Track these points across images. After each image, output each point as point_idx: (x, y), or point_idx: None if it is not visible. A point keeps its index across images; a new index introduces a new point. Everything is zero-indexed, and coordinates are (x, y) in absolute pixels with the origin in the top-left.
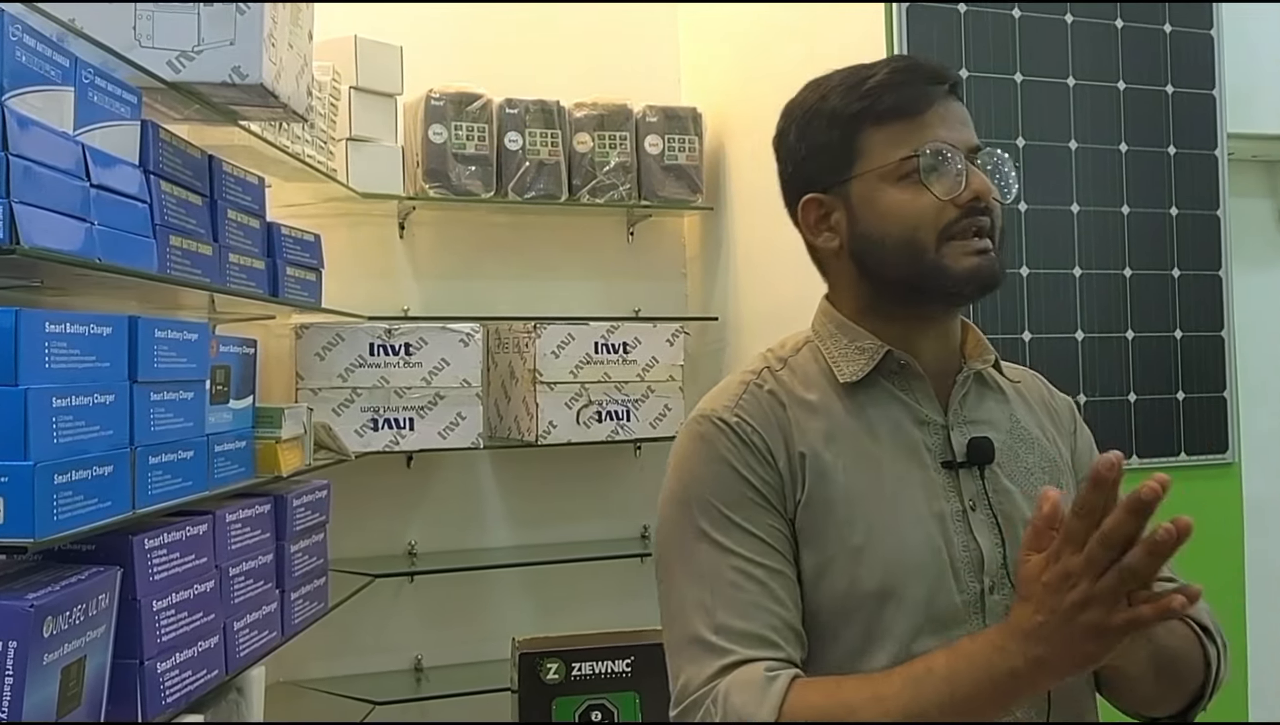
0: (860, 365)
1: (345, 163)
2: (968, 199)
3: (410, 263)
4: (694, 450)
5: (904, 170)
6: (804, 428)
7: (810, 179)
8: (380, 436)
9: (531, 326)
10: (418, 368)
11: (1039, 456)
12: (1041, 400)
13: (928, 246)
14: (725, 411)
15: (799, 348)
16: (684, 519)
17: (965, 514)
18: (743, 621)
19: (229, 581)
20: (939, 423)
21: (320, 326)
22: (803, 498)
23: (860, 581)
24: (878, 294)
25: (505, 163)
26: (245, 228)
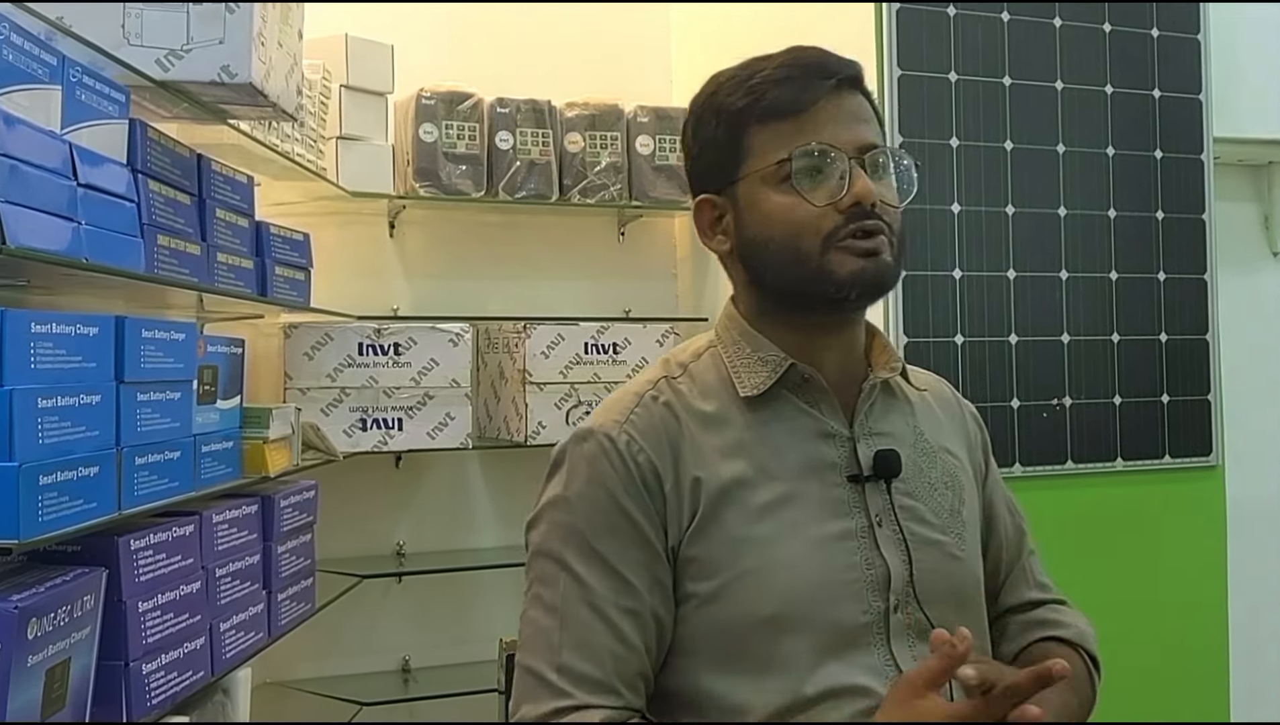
0: (762, 378)
1: (335, 161)
2: (848, 205)
3: (400, 262)
4: (573, 469)
5: (784, 172)
6: (700, 444)
7: (703, 179)
8: (369, 437)
9: (521, 327)
10: (407, 368)
11: (941, 470)
12: (948, 408)
13: (811, 253)
14: (614, 427)
15: (700, 353)
16: (549, 543)
17: (871, 530)
18: (587, 664)
19: (215, 582)
20: (844, 435)
21: (309, 326)
22: (694, 524)
23: (756, 607)
24: (768, 299)
25: (496, 162)
26: (234, 227)
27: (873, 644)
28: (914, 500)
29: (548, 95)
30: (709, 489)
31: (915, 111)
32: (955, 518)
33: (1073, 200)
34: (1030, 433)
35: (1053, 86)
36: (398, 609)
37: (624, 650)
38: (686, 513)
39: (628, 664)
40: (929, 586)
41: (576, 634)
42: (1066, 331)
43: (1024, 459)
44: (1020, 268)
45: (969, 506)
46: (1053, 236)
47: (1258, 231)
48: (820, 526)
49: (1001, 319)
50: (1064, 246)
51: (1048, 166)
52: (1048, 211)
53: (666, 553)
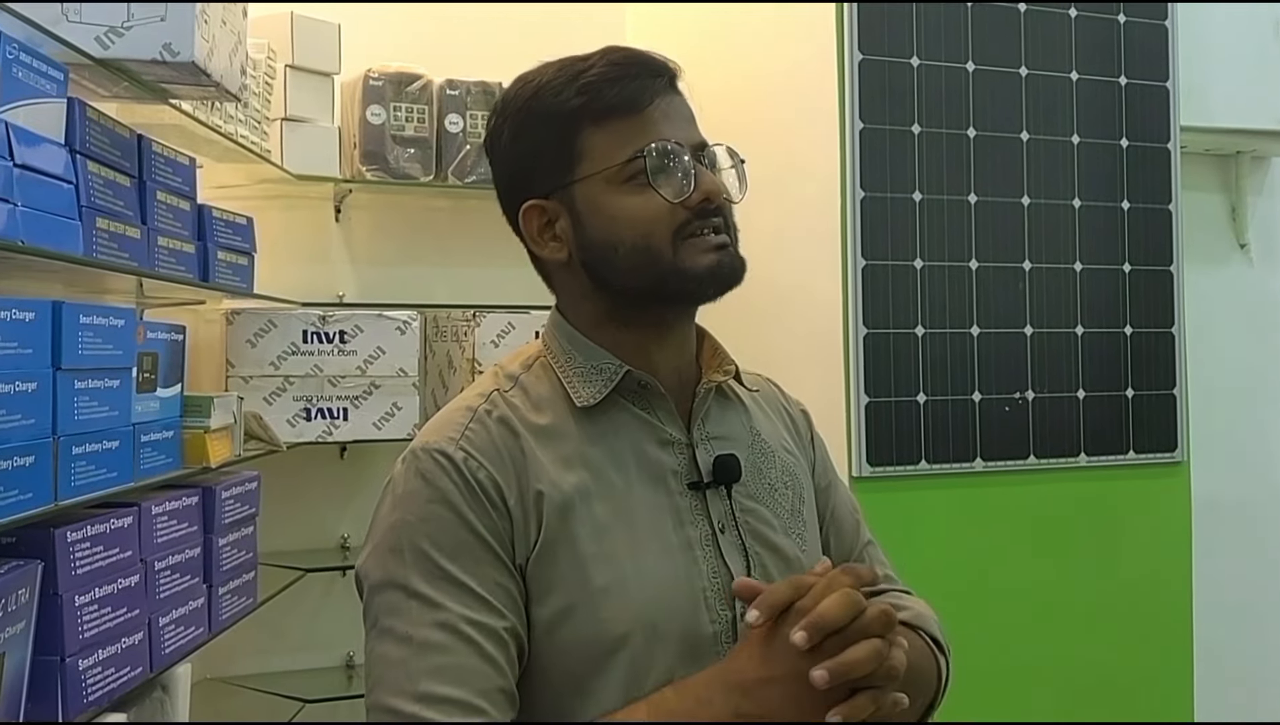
0: (598, 387)
1: (280, 143)
2: (698, 201)
3: (346, 247)
4: (412, 489)
5: (629, 172)
6: (539, 458)
7: (529, 183)
8: (313, 426)
9: (471, 315)
10: (352, 356)
11: (780, 470)
12: (779, 409)
13: (662, 250)
14: (449, 444)
15: (530, 364)
16: (393, 569)
17: (715, 537)
18: (448, 687)
19: (154, 576)
20: (683, 442)
21: (252, 312)
22: (539, 541)
23: (607, 625)
24: (613, 304)
25: (446, 146)
26: (175, 210)
27: (721, 653)
28: (755, 502)
29: (499, 77)
30: (551, 503)
31: (876, 98)
32: (796, 518)
33: (1037, 189)
34: (992, 427)
35: (1017, 73)
36: (342, 604)
37: (486, 667)
38: (532, 530)
39: (491, 681)
40: None
41: (433, 659)
42: (1029, 324)
43: (985, 454)
44: (983, 258)
45: (808, 504)
46: (1016, 226)
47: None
48: (666, 537)
49: (963, 310)
50: (1027, 237)
51: (1011, 155)
52: (1011, 201)
53: (515, 568)
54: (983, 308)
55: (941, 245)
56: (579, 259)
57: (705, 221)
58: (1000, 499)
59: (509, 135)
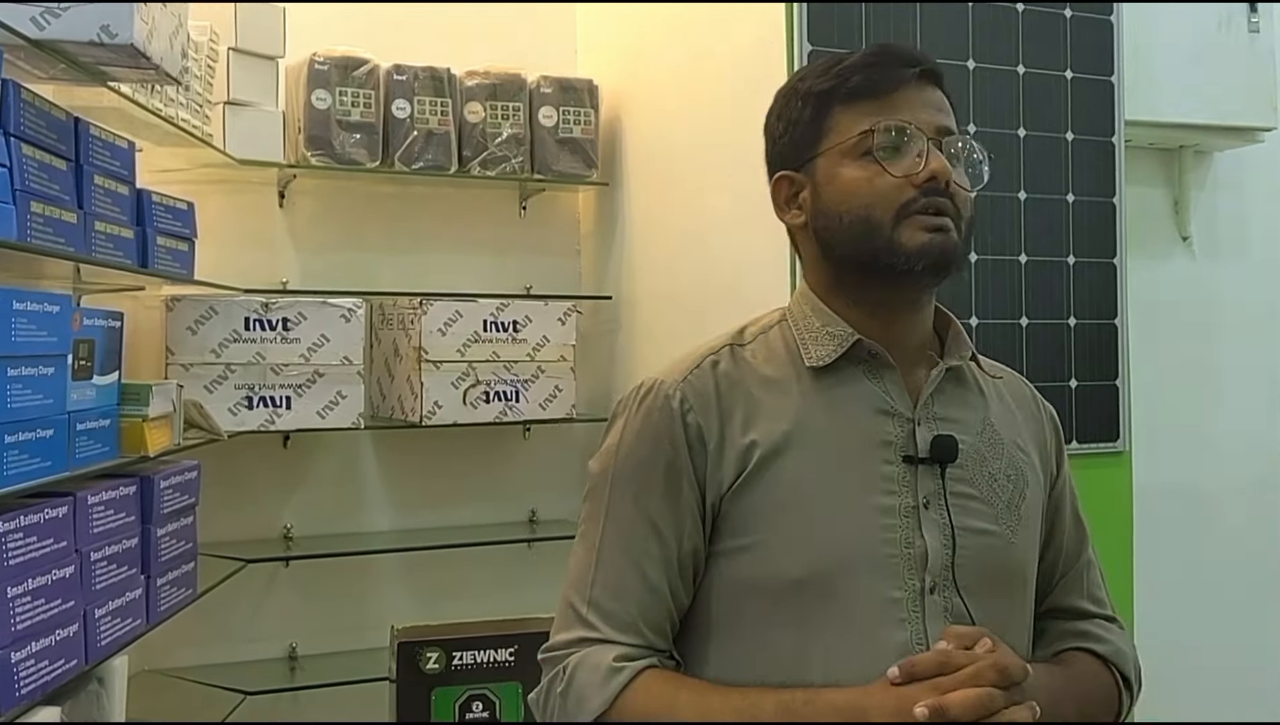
0: (829, 350)
1: (222, 128)
2: (924, 179)
3: (290, 234)
4: (629, 420)
5: (863, 146)
6: (758, 405)
7: (784, 157)
8: (255, 415)
9: (417, 302)
10: (295, 344)
11: (1006, 463)
12: (1025, 405)
13: (882, 224)
14: (671, 384)
15: (771, 326)
16: (598, 485)
17: (917, 510)
18: (614, 602)
19: (90, 567)
20: (905, 416)
21: (193, 299)
22: (738, 482)
23: (782, 568)
24: (838, 273)
25: (392, 131)
26: (113, 194)
27: (906, 621)
28: (971, 488)
29: (447, 63)
30: (762, 449)
31: None
32: (1012, 511)
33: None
34: None
35: (964, 66)
36: (285, 594)
37: (650, 597)
38: (730, 472)
39: (653, 609)
40: (970, 573)
41: (609, 574)
42: (975, 315)
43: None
44: None
45: (1030, 504)
46: None
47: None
48: (865, 499)
49: None
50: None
51: None
52: None
53: (703, 511)
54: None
55: None
56: (812, 226)
57: (930, 201)
58: None
59: (775, 115)
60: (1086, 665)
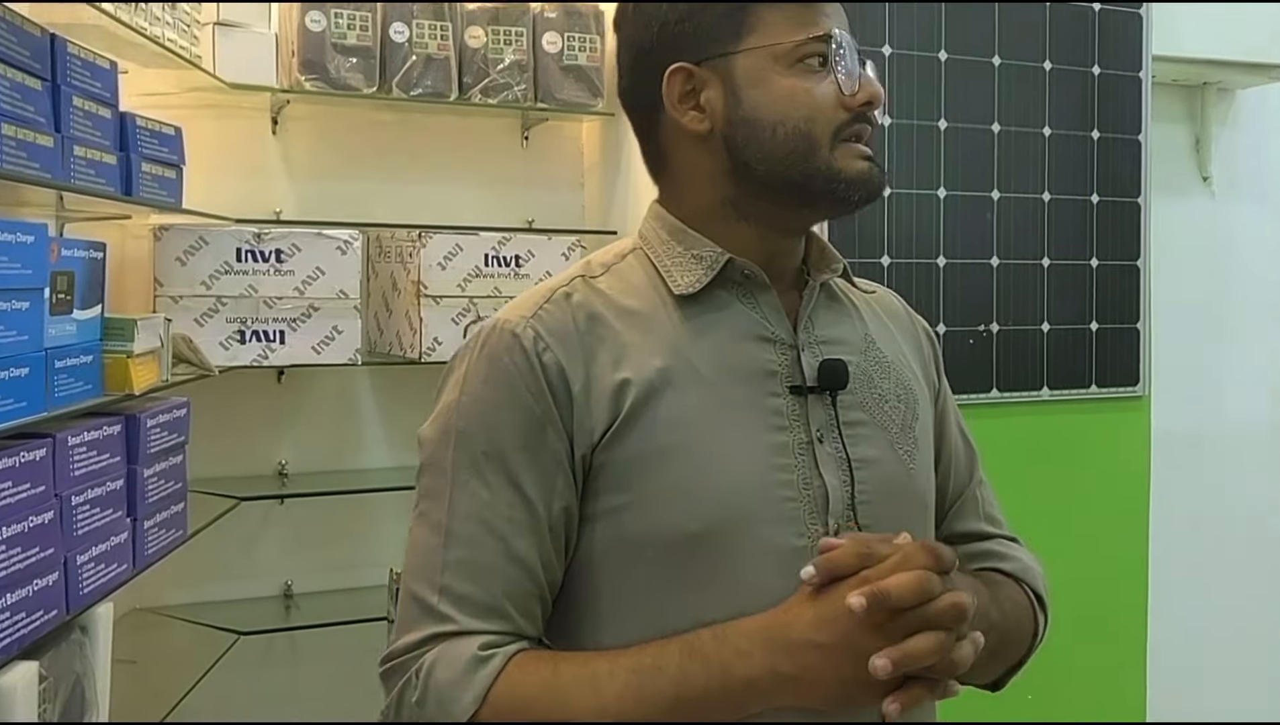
0: (697, 275)
1: (212, 49)
2: (863, 100)
3: (284, 161)
4: (473, 367)
5: (804, 54)
6: (624, 342)
7: (680, 47)
8: (248, 350)
9: (416, 235)
10: (289, 276)
11: (894, 382)
12: (901, 320)
13: (822, 142)
14: (520, 322)
15: (624, 255)
16: (440, 450)
17: (811, 446)
18: (471, 585)
19: (71, 511)
20: (788, 342)
21: (182, 228)
22: (611, 429)
23: (678, 522)
24: (743, 191)
25: (390, 56)
26: (94, 117)
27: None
28: (863, 413)
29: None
30: (635, 389)
31: None
32: (907, 433)
33: (1007, 116)
34: (956, 359)
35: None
36: (279, 532)
37: (517, 571)
38: (602, 418)
39: (521, 586)
40: (873, 508)
41: (463, 552)
42: (996, 255)
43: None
44: (951, 186)
45: (923, 424)
46: (985, 154)
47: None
48: (755, 437)
49: (930, 240)
50: (996, 165)
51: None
52: (981, 128)
53: (572, 465)
54: (950, 237)
55: (910, 173)
56: (722, 135)
57: (861, 127)
58: None
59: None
60: (998, 582)
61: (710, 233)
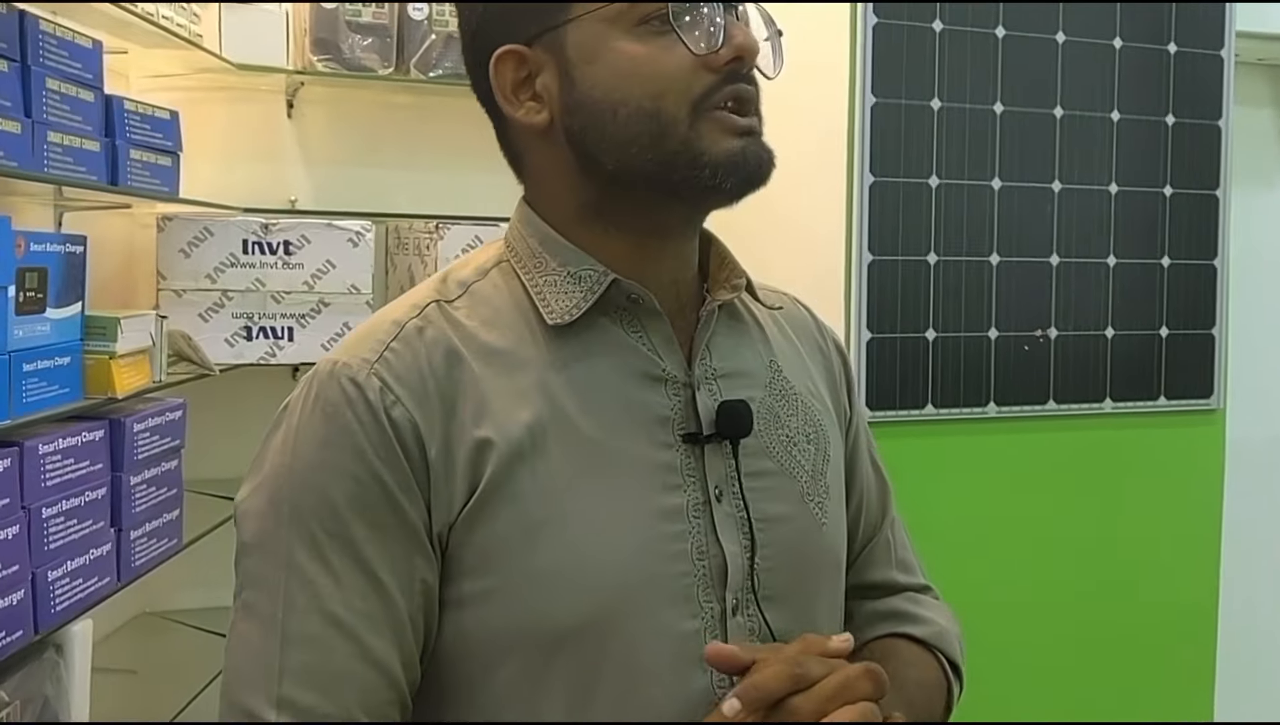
0: (575, 300)
1: (219, 28)
2: (728, 58)
3: (300, 147)
4: (306, 423)
5: (642, 13)
6: (483, 391)
7: (506, 25)
8: (254, 347)
9: (433, 226)
10: (299, 270)
11: (802, 419)
12: (810, 339)
13: (676, 120)
14: (362, 368)
15: (486, 270)
16: (269, 526)
17: (708, 506)
18: (317, 694)
19: (42, 524)
20: (680, 380)
21: (186, 219)
22: (472, 501)
23: (549, 616)
24: (601, 192)
25: (408, 35)
26: (73, 101)
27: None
28: (768, 460)
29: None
30: (499, 452)
31: None
32: (817, 481)
33: (1071, 99)
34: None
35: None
36: None
37: (374, 675)
38: (462, 487)
39: (378, 694)
40: (776, 580)
41: (304, 655)
42: (1056, 252)
43: (999, 398)
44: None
45: (834, 465)
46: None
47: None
48: (642, 502)
49: (982, 235)
50: (1058, 153)
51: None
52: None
53: (431, 541)
54: (1004, 233)
55: (961, 161)
56: (563, 125)
57: (734, 91)
58: (1015, 447)
59: None
60: (907, 656)
61: (583, 242)
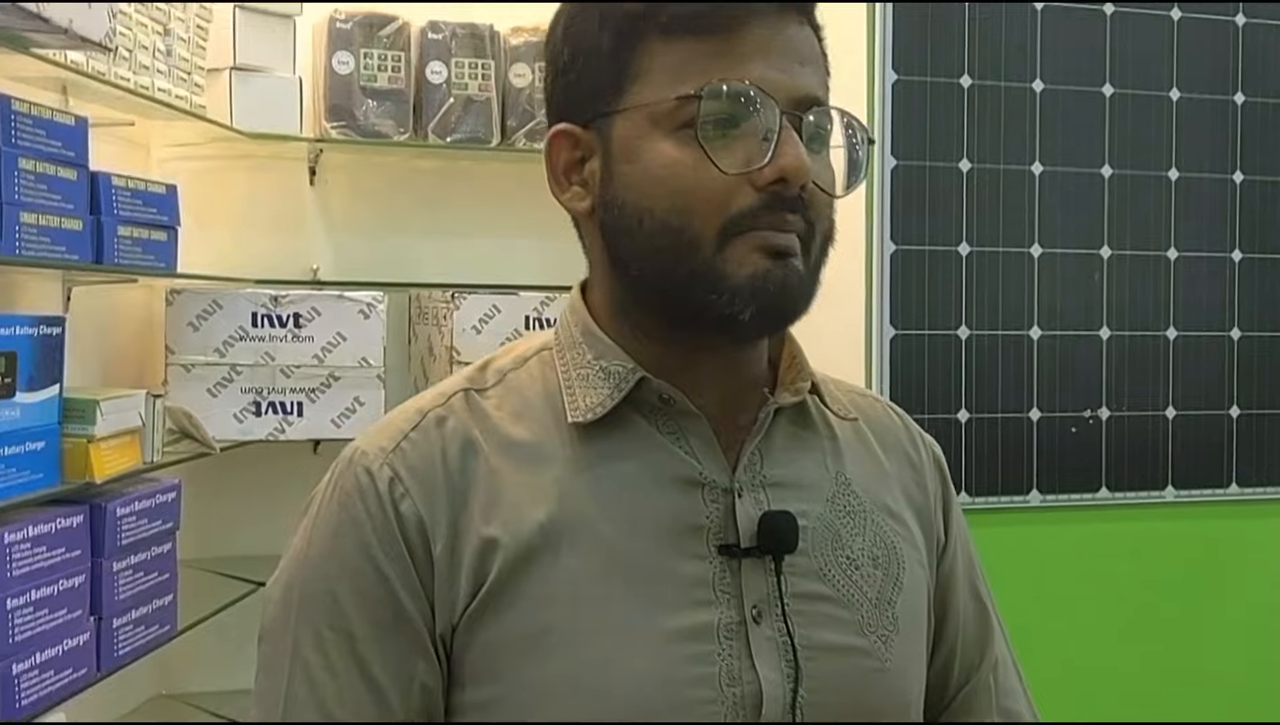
0: (602, 397)
1: (229, 96)
2: (769, 179)
3: (322, 215)
4: (324, 512)
5: (686, 115)
6: (500, 487)
7: (571, 104)
8: (263, 423)
9: (449, 295)
10: (309, 342)
11: (871, 540)
12: (894, 445)
13: (702, 239)
14: (378, 458)
15: (526, 358)
16: (281, 615)
17: (744, 627)
18: None
19: (6, 615)
20: (720, 484)
21: (194, 292)
22: (475, 602)
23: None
24: (628, 295)
25: (426, 98)
26: (50, 179)
27: None
28: (822, 583)
29: (490, 19)
30: (506, 551)
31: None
32: (882, 612)
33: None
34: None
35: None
36: None
37: None
38: (466, 587)
39: None
40: (823, 715)
41: None
42: (1106, 325)
43: (1043, 486)
44: (1048, 243)
45: (909, 595)
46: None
47: None
48: (664, 617)
49: (1021, 307)
50: (1107, 215)
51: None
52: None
53: (434, 641)
54: (1046, 304)
55: (996, 225)
56: (599, 218)
57: (773, 214)
58: (1061, 542)
59: (560, 35)
60: None
61: (620, 338)
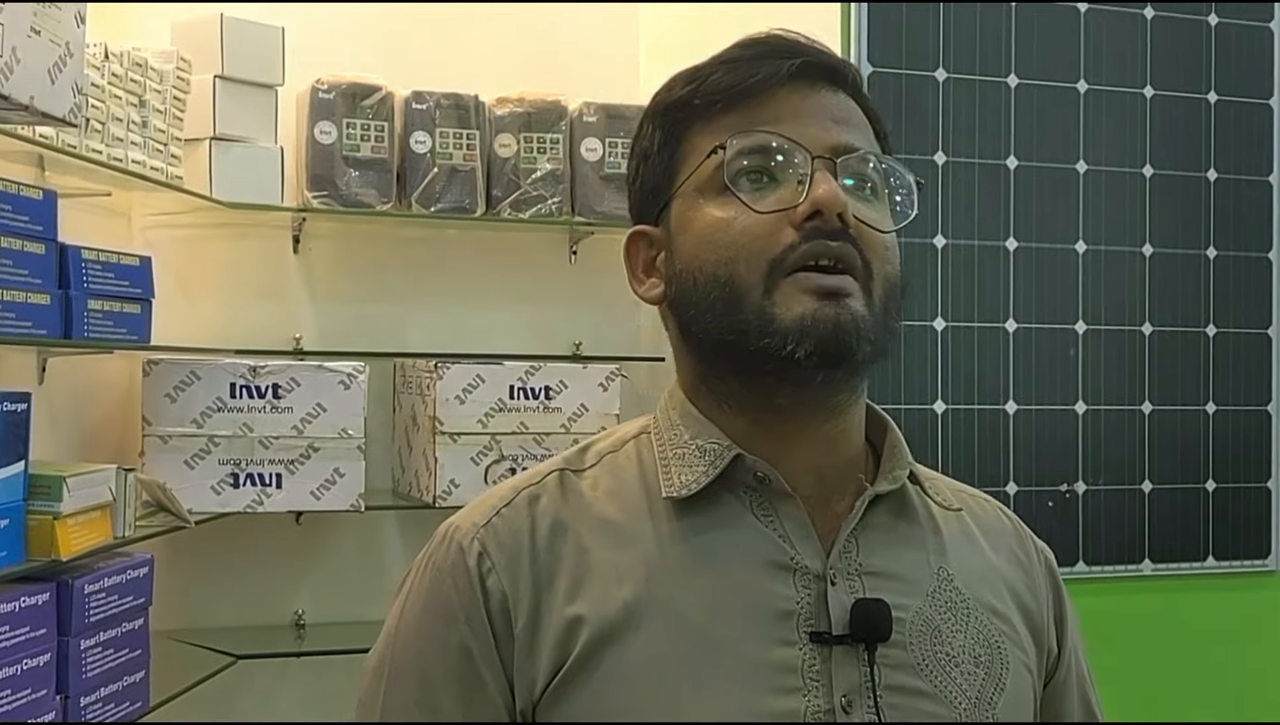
0: (697, 474)
1: (208, 167)
2: (805, 214)
3: (306, 283)
4: (417, 585)
5: (724, 175)
6: (588, 565)
7: (641, 206)
8: (241, 494)
9: (432, 365)
10: (288, 413)
11: (973, 638)
12: (1006, 547)
13: (749, 285)
14: (469, 533)
15: (626, 441)
16: (374, 686)
17: (833, 714)
18: None
19: None
20: (813, 571)
21: (171, 362)
22: (556, 680)
23: None
24: (702, 364)
25: (410, 168)
26: (17, 255)
27: None
28: (919, 679)
29: (474, 89)
30: (590, 629)
31: None
32: (983, 711)
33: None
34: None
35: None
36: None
37: None
38: (546, 665)
39: None
40: None
41: None
42: (1082, 399)
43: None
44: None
45: (1013, 698)
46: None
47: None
48: (749, 702)
49: (996, 382)
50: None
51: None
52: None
53: (513, 718)
54: (1021, 378)
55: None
56: (670, 298)
57: (812, 250)
58: None
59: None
60: None
61: (712, 417)
